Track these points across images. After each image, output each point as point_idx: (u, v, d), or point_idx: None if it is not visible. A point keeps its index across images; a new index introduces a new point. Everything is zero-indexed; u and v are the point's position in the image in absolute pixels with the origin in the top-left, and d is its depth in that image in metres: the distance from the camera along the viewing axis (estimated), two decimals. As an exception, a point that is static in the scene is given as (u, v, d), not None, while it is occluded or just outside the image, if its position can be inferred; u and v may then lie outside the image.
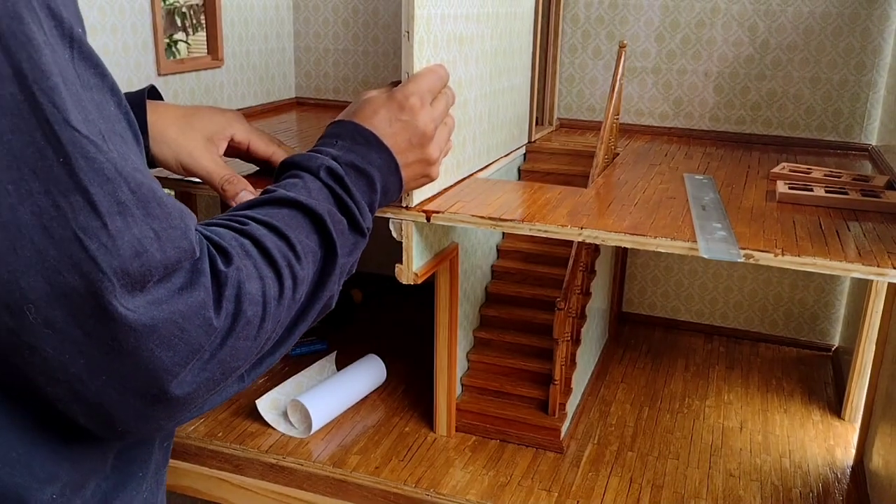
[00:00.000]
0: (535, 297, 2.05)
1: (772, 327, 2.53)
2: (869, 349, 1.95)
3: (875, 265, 1.26)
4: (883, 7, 2.21)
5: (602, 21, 2.46)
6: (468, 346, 2.00)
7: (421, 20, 1.40)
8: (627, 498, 1.71)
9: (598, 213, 1.52)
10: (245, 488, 1.83)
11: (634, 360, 2.37)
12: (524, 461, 1.82)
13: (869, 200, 1.59)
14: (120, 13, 1.93)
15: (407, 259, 1.55)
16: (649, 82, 2.46)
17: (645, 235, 1.37)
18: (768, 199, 1.65)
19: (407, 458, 1.82)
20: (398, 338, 2.46)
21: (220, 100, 2.36)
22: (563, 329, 1.83)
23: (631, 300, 2.65)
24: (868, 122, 2.30)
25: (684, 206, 1.56)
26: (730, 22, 2.34)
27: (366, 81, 2.74)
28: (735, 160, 2.11)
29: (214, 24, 2.33)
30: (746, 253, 1.31)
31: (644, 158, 2.10)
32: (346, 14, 2.69)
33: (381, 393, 2.11)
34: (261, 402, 1.96)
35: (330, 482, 1.77)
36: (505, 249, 2.15)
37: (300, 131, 2.34)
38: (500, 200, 1.57)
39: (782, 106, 2.36)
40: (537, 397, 1.91)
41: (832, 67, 2.29)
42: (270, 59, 2.64)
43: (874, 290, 1.96)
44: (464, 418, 1.91)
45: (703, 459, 1.87)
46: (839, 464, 1.88)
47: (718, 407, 2.12)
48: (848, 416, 2.07)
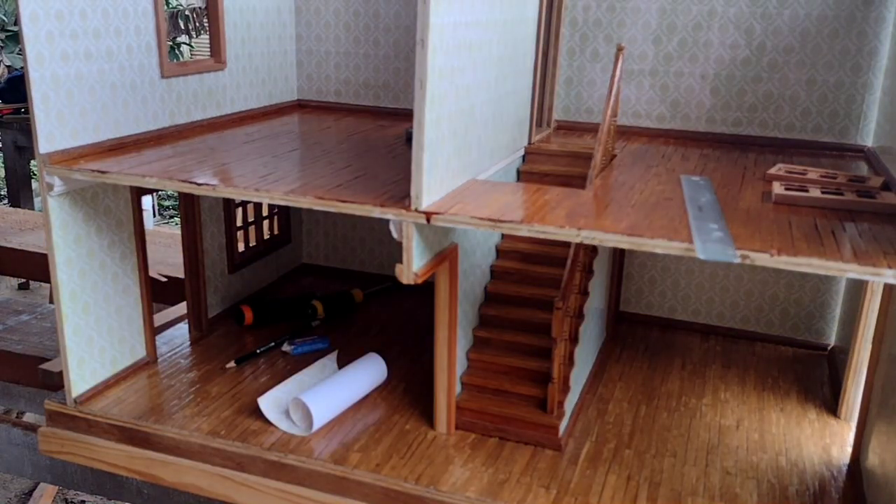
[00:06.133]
0: (534, 297, 2.07)
1: (768, 327, 2.55)
2: (865, 348, 1.97)
3: (871, 265, 1.28)
4: (879, 9, 2.23)
5: (600, 24, 2.48)
6: (468, 345, 2.02)
7: (436, 28, 1.42)
8: (625, 495, 1.73)
9: (597, 214, 1.54)
10: (247, 486, 1.85)
11: (632, 359, 2.39)
12: (523, 458, 1.84)
13: (864, 201, 1.61)
14: (124, 16, 1.95)
15: (407, 259, 1.56)
16: (647, 85, 2.48)
17: (642, 236, 1.39)
18: (764, 201, 1.67)
19: (407, 455, 1.84)
20: (399, 337, 2.48)
21: (223, 102, 2.38)
22: (562, 328, 1.85)
23: (628, 300, 2.67)
24: (864, 124, 2.32)
25: (681, 208, 1.58)
26: (726, 25, 2.36)
27: (367, 84, 2.76)
28: (731, 162, 2.13)
29: (217, 27, 2.35)
30: (743, 253, 1.32)
31: (641, 160, 2.12)
32: (348, 17, 2.71)
33: (382, 391, 2.13)
34: (263, 401, 1.98)
35: (331, 479, 1.78)
36: (504, 250, 2.17)
37: (302, 133, 2.37)
38: (499, 202, 1.59)
39: (778, 108, 2.38)
40: (536, 395, 1.93)
41: (828, 69, 2.31)
42: (272, 62, 2.66)
43: (870, 289, 1.97)
44: (463, 416, 1.93)
45: (700, 457, 1.89)
46: (835, 462, 1.90)
47: (715, 405, 2.14)
48: (844, 414, 2.09)
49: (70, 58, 1.80)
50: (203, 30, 8.39)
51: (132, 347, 2.17)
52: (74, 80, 1.82)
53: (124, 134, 1.99)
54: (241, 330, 2.51)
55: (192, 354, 2.33)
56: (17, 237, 3.68)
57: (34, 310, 3.03)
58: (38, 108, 1.75)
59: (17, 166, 6.35)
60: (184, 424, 1.93)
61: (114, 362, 2.11)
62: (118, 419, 1.95)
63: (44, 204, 1.84)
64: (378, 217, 1.56)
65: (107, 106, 1.93)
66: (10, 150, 6.27)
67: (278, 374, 2.20)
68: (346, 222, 2.97)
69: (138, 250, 2.12)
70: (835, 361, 2.37)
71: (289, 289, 2.87)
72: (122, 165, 1.81)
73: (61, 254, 1.88)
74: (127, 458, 1.95)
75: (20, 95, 6.02)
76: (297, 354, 2.34)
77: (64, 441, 2.01)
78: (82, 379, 2.01)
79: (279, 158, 1.95)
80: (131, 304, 2.14)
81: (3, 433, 2.36)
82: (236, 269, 2.64)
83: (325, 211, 1.63)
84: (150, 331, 2.23)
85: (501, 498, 1.69)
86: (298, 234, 3.03)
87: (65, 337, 1.93)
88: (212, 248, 2.50)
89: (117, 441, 1.96)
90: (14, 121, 6.07)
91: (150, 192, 2.56)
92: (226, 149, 2.05)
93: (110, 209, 2.01)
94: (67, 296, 1.92)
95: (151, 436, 1.92)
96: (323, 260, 3.06)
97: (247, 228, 2.72)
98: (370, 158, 2.00)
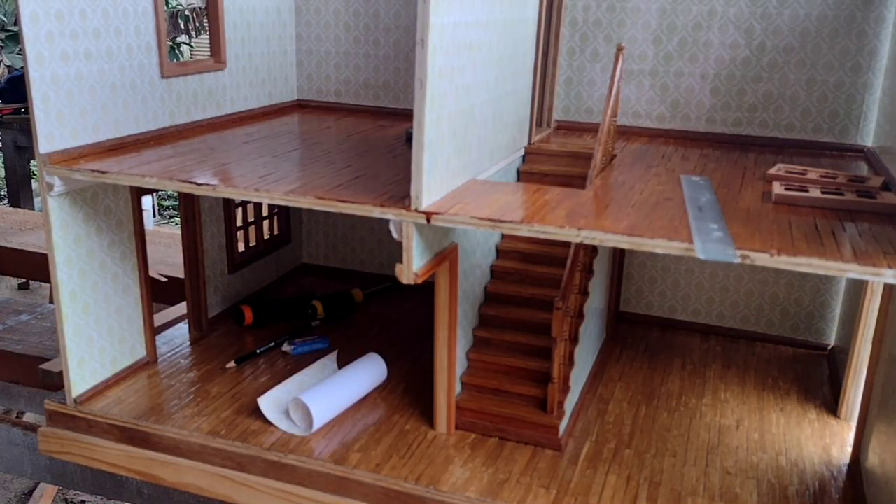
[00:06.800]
0: (534, 297, 2.07)
1: (768, 327, 2.55)
2: (865, 348, 1.97)
3: (871, 265, 1.28)
4: (879, 9, 2.23)
5: (600, 24, 2.48)
6: (468, 345, 2.02)
7: (436, 28, 1.42)
8: (625, 495, 1.73)
9: (597, 214, 1.54)
10: (247, 486, 1.85)
11: (632, 359, 2.39)
12: (523, 459, 1.84)
13: (864, 201, 1.61)
14: (124, 16, 1.95)
15: (407, 259, 1.56)
16: (647, 84, 2.48)
17: (642, 236, 1.39)
18: (764, 201, 1.67)
19: (407, 455, 1.84)
20: (399, 336, 2.48)
21: (223, 102, 2.38)
22: (562, 328, 1.85)
23: (628, 300, 2.67)
24: (864, 124, 2.32)
25: (681, 208, 1.58)
26: (726, 25, 2.36)
27: (367, 84, 2.76)
28: (731, 162, 2.13)
29: (217, 27, 2.35)
30: (743, 253, 1.33)
31: (641, 160, 2.12)
32: (348, 17, 2.71)
33: (382, 391, 2.13)
34: (262, 401, 1.98)
35: (331, 479, 1.78)
36: (504, 250, 2.17)
37: (302, 133, 2.37)
38: (499, 202, 1.59)
39: (778, 108, 2.39)
40: (536, 395, 1.93)
41: (828, 69, 2.31)
42: (273, 62, 2.66)
43: (870, 289, 1.98)
44: (463, 416, 1.93)
45: (700, 457, 1.89)
46: (835, 462, 1.90)
47: (715, 405, 2.14)
48: (844, 414, 2.09)
49: (70, 58, 1.80)
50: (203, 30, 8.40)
51: (132, 347, 2.17)
52: (74, 80, 1.82)
53: (124, 134, 1.99)
54: (241, 330, 2.51)
55: (192, 354, 2.33)
56: (17, 237, 3.68)
57: (34, 310, 3.03)
58: (38, 108, 1.75)
59: (17, 166, 6.35)
60: (184, 424, 1.93)
61: (114, 362, 2.11)
62: (118, 419, 1.96)
63: (44, 204, 1.84)
64: (378, 217, 1.56)
65: (107, 106, 1.93)
66: (10, 150, 6.27)
67: (278, 374, 2.20)
68: (346, 222, 2.97)
69: (138, 250, 2.12)
70: (835, 361, 2.37)
71: (289, 289, 2.87)
72: (122, 165, 1.81)
73: (61, 254, 1.88)
74: (127, 458, 1.95)
75: (20, 95, 6.02)
76: (297, 354, 2.34)
77: (64, 441, 2.01)
78: (82, 379, 2.01)
79: (279, 158, 1.95)
80: (131, 304, 2.14)
81: (3, 433, 2.36)
82: (236, 269, 2.64)
83: (326, 211, 1.63)
84: (150, 331, 2.23)
85: (501, 498, 1.69)
86: (298, 234, 3.04)
87: (65, 337, 1.93)
88: (212, 248, 2.50)
89: (117, 441, 1.96)
90: (14, 121, 6.07)
91: (150, 192, 2.56)
92: (226, 149, 2.05)
93: (110, 209, 2.01)
94: (67, 296, 1.92)
95: (151, 436, 1.92)
96: (323, 260, 3.06)
97: (247, 228, 2.72)
98: (370, 158, 2.00)
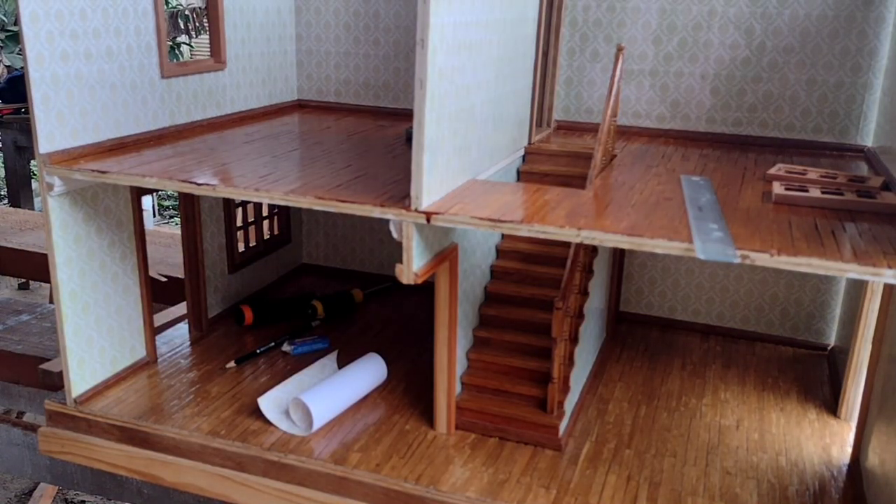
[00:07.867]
0: (534, 297, 2.07)
1: (768, 327, 2.55)
2: (865, 348, 1.97)
3: (871, 265, 1.28)
4: (879, 9, 2.23)
5: (600, 24, 2.48)
6: (468, 345, 2.02)
7: (436, 28, 1.42)
8: (625, 495, 1.73)
9: (597, 214, 1.54)
10: (247, 485, 1.85)
11: (632, 359, 2.39)
12: (523, 459, 1.84)
13: (864, 201, 1.61)
14: (123, 16, 1.95)
15: (407, 259, 1.56)
16: (647, 85, 2.48)
17: (642, 236, 1.39)
18: (764, 201, 1.67)
19: (407, 455, 1.84)
20: (399, 336, 2.48)
21: (223, 102, 2.38)
22: (562, 328, 1.85)
23: (628, 300, 2.67)
24: (864, 124, 2.32)
25: (681, 208, 1.58)
26: (726, 25, 2.36)
27: (367, 84, 2.76)
28: (731, 162, 2.13)
29: (217, 27, 2.35)
30: (743, 253, 1.32)
31: (641, 160, 2.12)
32: (348, 17, 2.71)
33: (382, 391, 2.13)
34: (263, 401, 1.98)
35: (331, 479, 1.78)
36: (504, 250, 2.17)
37: (302, 133, 2.37)
38: (499, 202, 1.59)
39: (778, 108, 2.39)
40: (536, 396, 1.93)
41: (828, 69, 2.31)
42: (273, 62, 2.66)
43: (870, 289, 1.98)
44: (463, 416, 1.93)
45: (700, 457, 1.89)
46: (835, 462, 1.90)
47: (715, 405, 2.14)
48: (844, 414, 2.09)
49: (70, 58, 1.80)
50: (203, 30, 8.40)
51: (132, 347, 2.17)
52: (74, 80, 1.82)
53: (124, 134, 1.99)
54: (241, 330, 2.51)
55: (192, 354, 2.33)
56: (17, 237, 3.69)
57: (34, 310, 3.03)
58: (38, 108, 1.75)
59: (17, 166, 6.36)
60: (184, 424, 1.93)
61: (114, 362, 2.11)
62: (118, 419, 1.96)
63: (44, 204, 1.84)
64: (378, 217, 1.56)
65: (107, 106, 1.93)
66: (10, 150, 6.28)
67: (278, 374, 2.20)
68: (346, 222, 2.97)
69: (138, 250, 2.12)
70: (835, 361, 2.37)
71: (289, 289, 2.87)
72: (122, 165, 1.81)
73: (61, 254, 1.88)
74: (127, 458, 1.95)
75: (20, 95, 6.02)
76: (297, 354, 2.34)
77: (64, 441, 2.01)
78: (82, 379, 2.01)
79: (279, 158, 1.95)
80: (131, 304, 2.14)
81: (3, 433, 2.36)
82: (236, 269, 2.64)
83: (325, 211, 1.63)
84: (150, 331, 2.23)
85: (501, 498, 1.69)
86: (298, 234, 3.04)
87: (65, 337, 1.93)
88: (212, 248, 2.50)
89: (117, 441, 1.96)
90: (14, 121, 6.07)
91: (150, 192, 2.56)
92: (226, 149, 2.05)
93: (110, 209, 2.01)
94: (67, 296, 1.92)
95: (151, 436, 1.92)
96: (323, 260, 3.06)
97: (247, 228, 2.72)
98: (370, 158, 2.00)
